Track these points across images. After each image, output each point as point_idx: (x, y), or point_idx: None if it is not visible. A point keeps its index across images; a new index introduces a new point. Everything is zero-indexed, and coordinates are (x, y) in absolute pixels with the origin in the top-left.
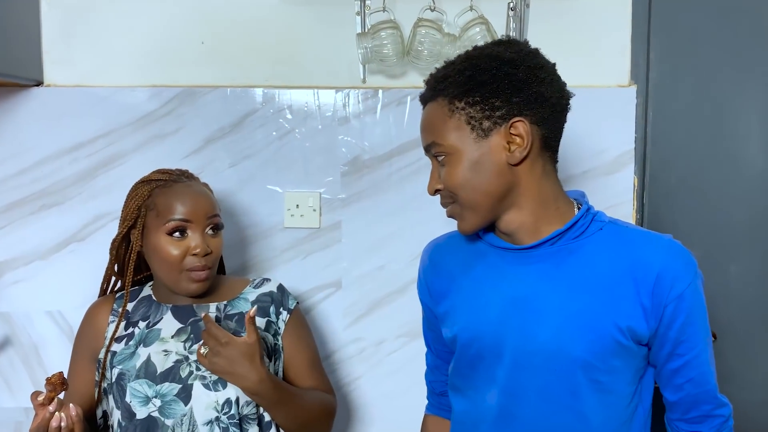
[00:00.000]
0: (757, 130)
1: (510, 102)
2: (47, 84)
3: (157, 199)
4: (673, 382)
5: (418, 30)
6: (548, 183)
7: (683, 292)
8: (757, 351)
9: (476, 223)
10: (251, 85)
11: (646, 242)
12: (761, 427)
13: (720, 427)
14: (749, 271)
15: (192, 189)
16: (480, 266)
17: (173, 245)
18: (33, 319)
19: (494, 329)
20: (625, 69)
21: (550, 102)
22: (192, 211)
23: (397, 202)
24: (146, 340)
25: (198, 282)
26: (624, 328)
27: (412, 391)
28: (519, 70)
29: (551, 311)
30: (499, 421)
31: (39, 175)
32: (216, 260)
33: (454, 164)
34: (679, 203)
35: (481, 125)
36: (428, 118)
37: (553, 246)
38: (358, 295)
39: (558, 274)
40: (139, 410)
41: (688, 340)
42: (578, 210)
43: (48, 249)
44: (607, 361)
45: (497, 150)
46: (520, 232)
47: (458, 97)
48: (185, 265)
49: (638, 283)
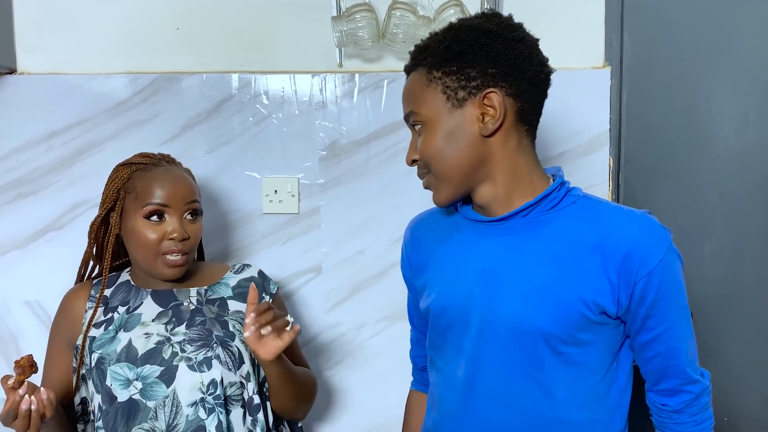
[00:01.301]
0: (730, 110)
1: (486, 73)
2: (21, 72)
3: (137, 183)
4: (642, 355)
5: (393, 12)
6: (522, 157)
7: (653, 269)
8: (731, 329)
9: (450, 194)
10: (227, 70)
11: (618, 217)
12: (736, 402)
13: (690, 403)
14: (723, 250)
15: (172, 173)
16: (455, 239)
17: (150, 229)
18: (11, 309)
19: (462, 300)
20: (599, 50)
21: (527, 75)
22: (170, 196)
23: (375, 186)
24: (126, 324)
25: (174, 267)
26: (589, 302)
27: (394, 374)
28: (497, 41)
29: (517, 282)
30: (464, 393)
31: (14, 164)
32: (194, 246)
33: (429, 134)
34: (654, 184)
35: (456, 95)
36: (408, 87)
37: (524, 218)
38: (338, 280)
39: (527, 246)
40: (120, 393)
41: (657, 314)
42: (552, 183)
43: (25, 238)
44: (573, 333)
45: (471, 121)
46: (494, 205)
47: (436, 67)
48: (161, 249)
49: (606, 258)
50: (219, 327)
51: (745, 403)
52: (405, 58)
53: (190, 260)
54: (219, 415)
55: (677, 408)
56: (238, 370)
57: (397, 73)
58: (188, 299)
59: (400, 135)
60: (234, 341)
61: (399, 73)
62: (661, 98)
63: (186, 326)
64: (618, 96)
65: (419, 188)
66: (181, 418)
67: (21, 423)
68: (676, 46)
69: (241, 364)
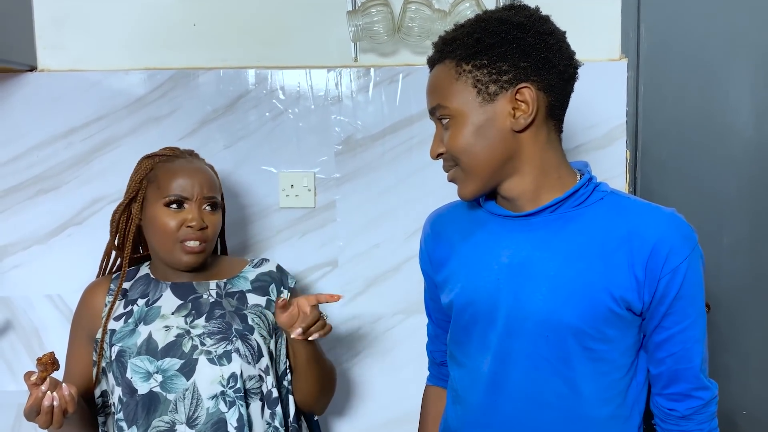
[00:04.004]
0: (747, 102)
1: (517, 67)
2: (40, 69)
3: (159, 173)
4: (655, 356)
5: (409, 6)
6: (551, 151)
7: (678, 266)
8: (749, 321)
9: (476, 188)
10: (244, 66)
11: (646, 214)
12: (755, 394)
13: (698, 409)
14: (741, 241)
15: (193, 165)
16: (479, 234)
17: (170, 216)
18: (33, 303)
19: (489, 295)
20: (616, 43)
21: (557, 69)
22: (190, 187)
23: (391, 180)
24: (146, 317)
25: (191, 254)
26: (617, 297)
27: (410, 367)
28: (528, 34)
29: (545, 278)
30: (490, 388)
31: (34, 160)
32: (212, 237)
33: (458, 128)
34: (671, 176)
35: (488, 89)
36: (435, 80)
37: (552, 214)
38: (354, 274)
39: (555, 242)
40: (140, 386)
41: (675, 313)
42: (581, 179)
43: (46, 233)
44: (600, 329)
45: (502, 116)
46: (521, 199)
47: (465, 60)
48: (180, 236)
49: (633, 254)
50: (238, 320)
51: (763, 395)
52: (420, 52)
53: (209, 250)
54: (240, 408)
55: (685, 414)
56: (258, 363)
57: (413, 67)
58: (207, 292)
59: (415, 129)
60: (253, 334)
61: (414, 67)
62: (678, 90)
63: (205, 319)
64: (635, 88)
65: (435, 182)
66: (201, 411)
67: (44, 419)
68: (692, 37)
69: (260, 358)
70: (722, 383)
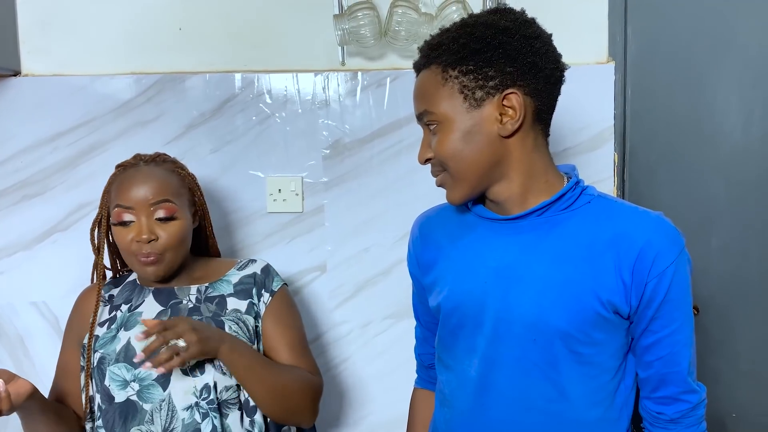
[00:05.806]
0: (735, 105)
1: (504, 72)
2: (25, 74)
3: (112, 188)
4: (643, 359)
5: (395, 10)
6: (538, 155)
7: (665, 270)
8: (738, 324)
9: (465, 193)
10: (230, 70)
11: (633, 217)
12: (744, 397)
13: (687, 413)
14: (729, 245)
15: (139, 174)
16: (468, 237)
17: (121, 233)
18: (18, 310)
19: (476, 298)
20: (603, 45)
21: (544, 73)
22: (132, 197)
23: (379, 184)
24: (127, 323)
25: (149, 265)
26: (605, 300)
27: (400, 371)
28: (514, 39)
29: (533, 281)
30: (478, 391)
31: (20, 165)
32: (168, 246)
33: (445, 133)
34: (659, 179)
35: (474, 95)
36: (421, 85)
37: (539, 217)
38: (343, 278)
39: (542, 245)
40: (117, 394)
41: (663, 317)
42: (568, 183)
43: (31, 239)
44: (588, 332)
45: (489, 121)
46: (509, 203)
47: (452, 65)
48: (133, 250)
49: (620, 258)
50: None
51: (752, 398)
52: (407, 56)
53: (171, 258)
54: (213, 419)
55: (673, 417)
56: None
57: (400, 71)
58: (188, 297)
59: (403, 133)
60: None
61: (402, 71)
62: (665, 93)
63: None
64: (622, 91)
65: (423, 186)
66: (177, 422)
67: None
68: (680, 40)
69: None
70: (711, 386)
